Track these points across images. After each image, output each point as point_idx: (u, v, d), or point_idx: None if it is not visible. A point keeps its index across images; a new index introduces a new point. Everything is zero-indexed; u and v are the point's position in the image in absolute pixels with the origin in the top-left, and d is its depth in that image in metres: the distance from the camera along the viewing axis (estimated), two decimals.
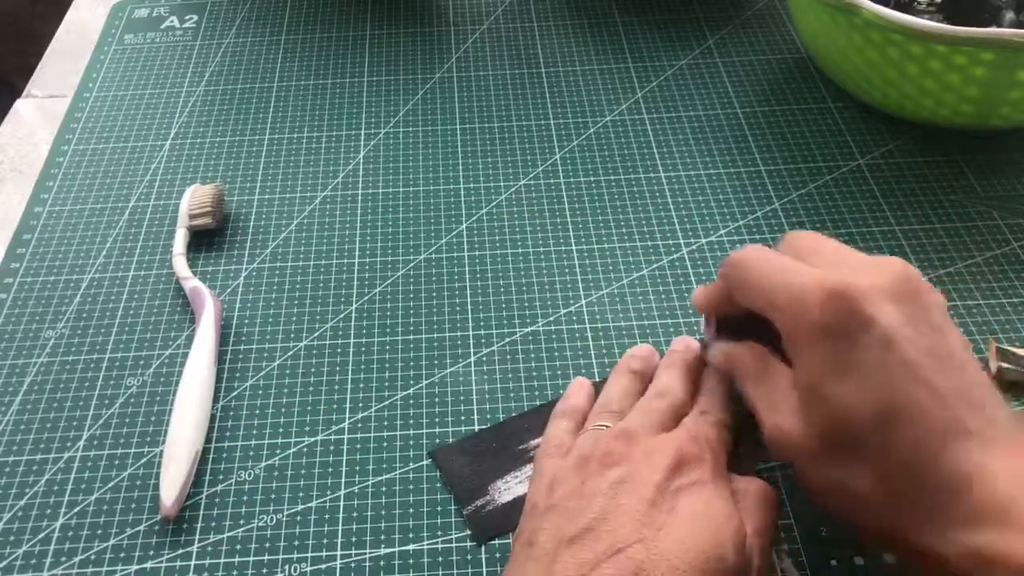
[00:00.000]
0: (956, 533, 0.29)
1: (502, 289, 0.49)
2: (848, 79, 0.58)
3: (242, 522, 0.40)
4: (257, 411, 0.44)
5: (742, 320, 0.37)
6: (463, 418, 0.44)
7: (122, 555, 0.39)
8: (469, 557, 0.39)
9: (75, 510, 0.41)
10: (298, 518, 0.40)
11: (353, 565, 0.39)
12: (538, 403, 0.44)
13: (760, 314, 0.35)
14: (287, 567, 0.39)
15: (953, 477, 0.29)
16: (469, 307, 0.49)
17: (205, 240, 0.53)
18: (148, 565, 0.39)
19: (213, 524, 0.40)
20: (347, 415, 0.44)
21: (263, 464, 0.42)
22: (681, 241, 0.52)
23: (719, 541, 0.31)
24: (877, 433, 0.31)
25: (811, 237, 0.37)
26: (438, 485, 0.41)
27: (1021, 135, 0.59)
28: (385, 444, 0.43)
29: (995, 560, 0.28)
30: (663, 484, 0.33)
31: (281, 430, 0.44)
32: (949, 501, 0.29)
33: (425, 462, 0.42)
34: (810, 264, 0.34)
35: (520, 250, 0.52)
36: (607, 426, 0.37)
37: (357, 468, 0.42)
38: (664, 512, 0.32)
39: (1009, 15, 0.57)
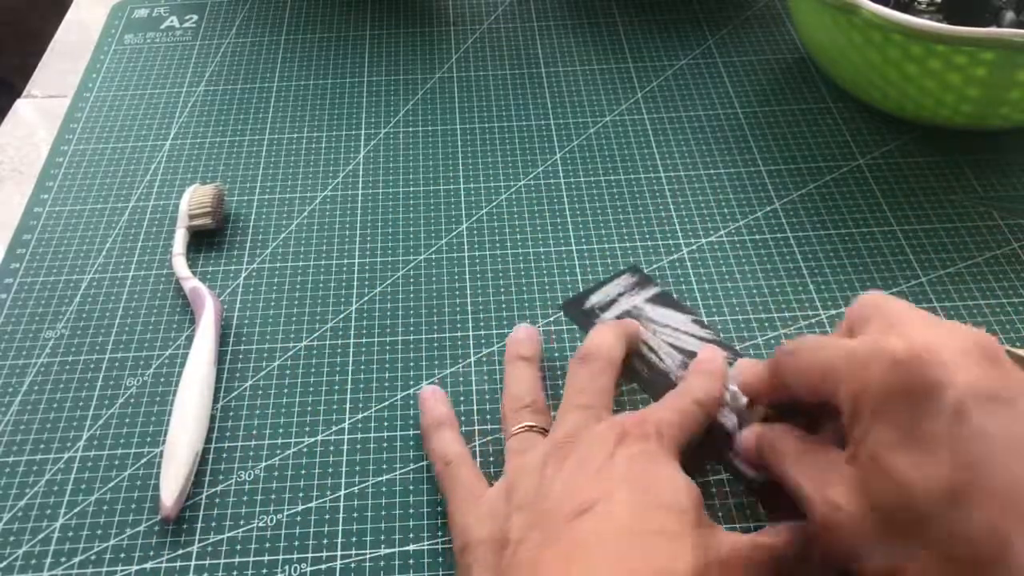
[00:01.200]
0: None
1: (502, 289, 0.49)
2: (848, 79, 0.58)
3: (242, 522, 0.40)
4: (257, 411, 0.44)
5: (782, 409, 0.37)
6: (463, 418, 0.44)
7: (122, 555, 0.39)
8: None
9: (75, 510, 0.41)
10: (298, 518, 0.40)
11: (353, 565, 0.39)
12: None
13: (810, 401, 0.34)
14: (287, 567, 0.39)
15: (1019, 568, 0.27)
16: (469, 307, 0.49)
17: (205, 240, 0.53)
18: (148, 565, 0.39)
19: (213, 524, 0.40)
20: (347, 415, 0.44)
21: (263, 464, 0.42)
22: (681, 241, 0.52)
23: (673, 492, 0.33)
24: (943, 511, 0.28)
25: (872, 300, 0.34)
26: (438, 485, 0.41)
27: (1021, 135, 0.58)
28: (385, 444, 0.43)
29: None
30: (611, 453, 0.34)
31: (281, 430, 0.44)
32: None
33: (424, 463, 0.42)
34: (871, 331, 0.32)
35: (520, 250, 0.52)
36: (530, 425, 0.39)
37: (357, 468, 0.42)
38: (618, 470, 0.34)
39: (1009, 15, 0.57)
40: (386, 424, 0.44)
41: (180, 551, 0.39)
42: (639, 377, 0.41)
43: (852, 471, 0.31)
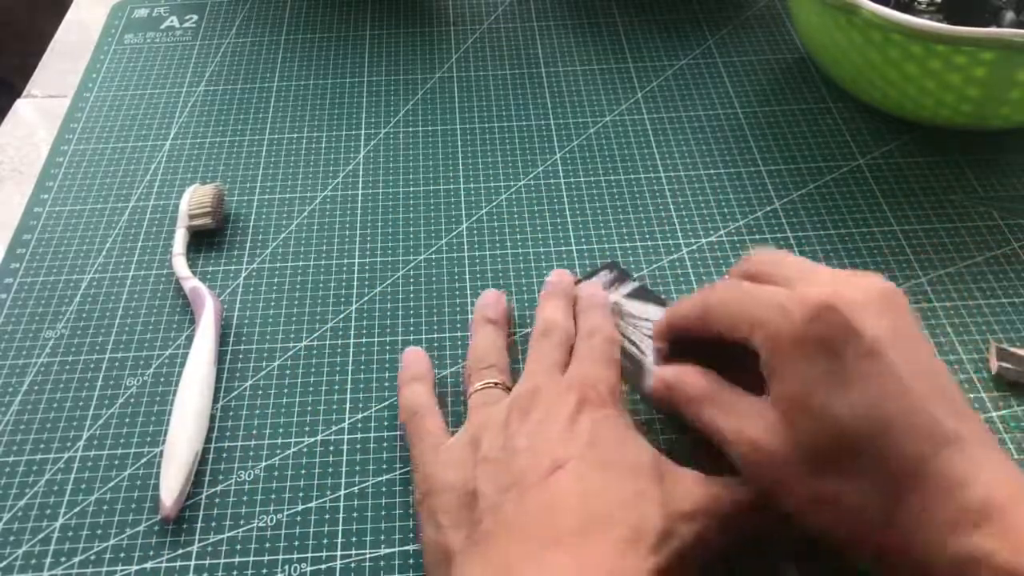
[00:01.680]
0: (946, 537, 0.29)
1: (502, 289, 0.49)
2: (848, 79, 0.58)
3: (242, 522, 0.40)
4: (257, 411, 0.44)
5: (692, 350, 0.39)
6: (463, 419, 0.43)
7: (122, 555, 0.39)
8: None
9: (75, 510, 0.41)
10: (298, 518, 0.40)
11: (353, 565, 0.39)
12: None
13: (731, 341, 0.36)
14: (287, 567, 0.39)
15: (944, 482, 0.30)
16: (469, 307, 0.49)
17: (205, 240, 0.53)
18: (148, 565, 0.39)
19: (213, 524, 0.40)
20: (347, 415, 0.44)
21: (263, 464, 0.42)
22: (681, 241, 0.52)
23: (636, 453, 0.35)
24: (870, 443, 0.31)
25: (770, 256, 0.38)
26: None
27: (1022, 135, 0.58)
28: (385, 444, 0.43)
29: (980, 562, 0.28)
30: (574, 415, 0.36)
31: (281, 430, 0.44)
32: (940, 506, 0.30)
33: None
34: (779, 282, 0.35)
35: (520, 250, 0.52)
36: (494, 382, 0.41)
37: (357, 468, 0.42)
38: (584, 432, 0.35)
39: (1009, 15, 0.57)
40: (386, 424, 0.44)
41: (180, 551, 0.39)
42: (624, 371, 0.41)
43: (768, 409, 0.33)
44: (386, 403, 0.45)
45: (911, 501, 0.30)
